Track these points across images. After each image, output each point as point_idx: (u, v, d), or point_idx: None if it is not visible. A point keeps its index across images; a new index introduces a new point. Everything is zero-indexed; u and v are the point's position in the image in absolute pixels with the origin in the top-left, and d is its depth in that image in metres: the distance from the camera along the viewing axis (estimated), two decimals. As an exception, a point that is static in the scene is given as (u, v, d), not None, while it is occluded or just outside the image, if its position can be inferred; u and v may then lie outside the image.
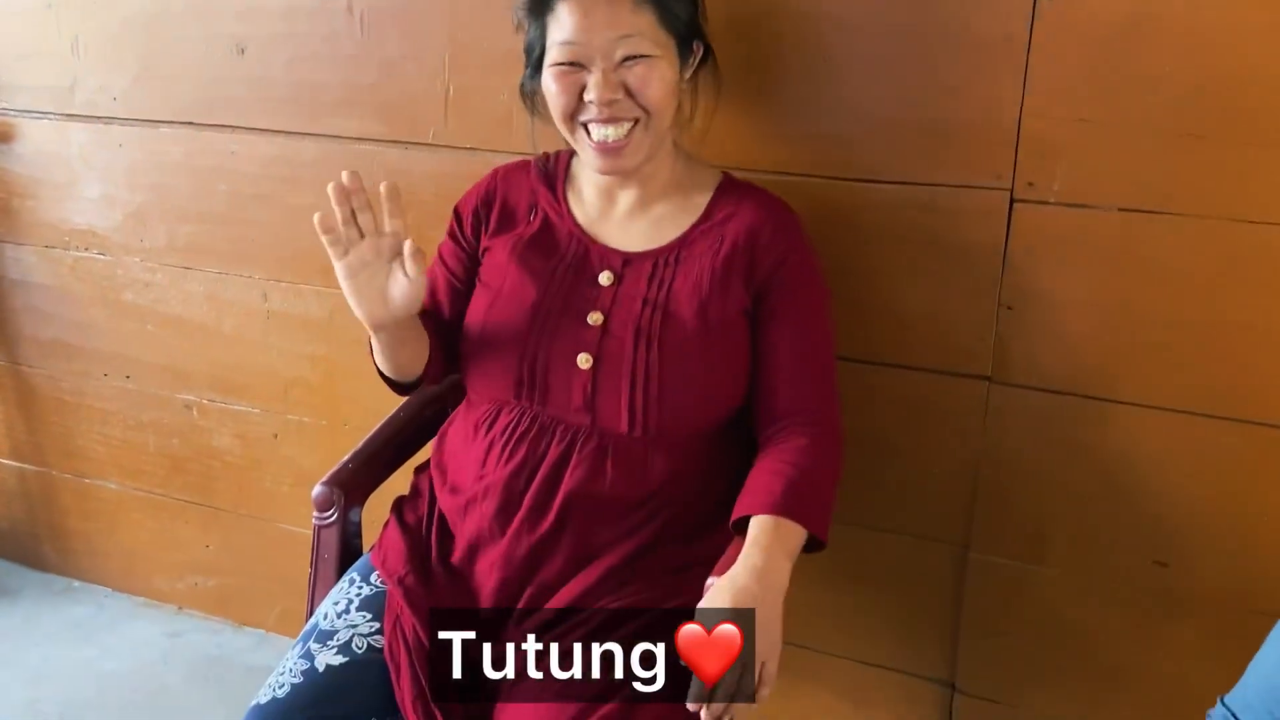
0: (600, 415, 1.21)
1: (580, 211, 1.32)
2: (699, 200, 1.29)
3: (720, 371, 1.22)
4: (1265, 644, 1.00)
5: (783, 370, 1.23)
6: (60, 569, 2.28)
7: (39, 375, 2.13)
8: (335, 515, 1.34)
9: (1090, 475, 1.41)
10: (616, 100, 1.17)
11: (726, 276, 1.22)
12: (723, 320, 1.22)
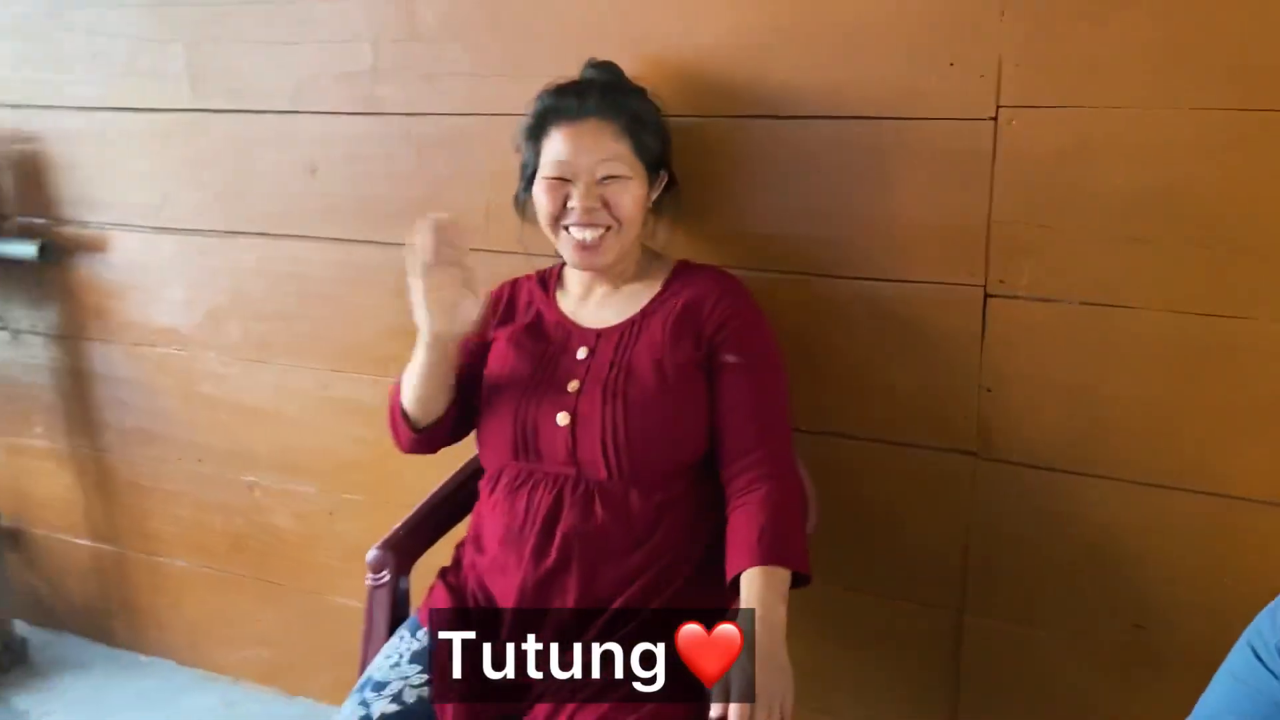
0: (582, 464, 1.41)
1: (566, 304, 1.56)
2: (658, 282, 1.53)
3: (680, 417, 1.42)
4: (1209, 686, 1.12)
5: (735, 415, 1.42)
6: (129, 644, 2.45)
7: (119, 461, 2.35)
8: (387, 576, 1.51)
9: (1072, 544, 1.54)
10: (595, 209, 1.43)
11: (678, 336, 1.44)
12: (677, 374, 1.42)
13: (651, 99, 1.52)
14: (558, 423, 1.43)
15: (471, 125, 1.79)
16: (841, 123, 1.55)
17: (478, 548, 1.50)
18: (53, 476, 2.43)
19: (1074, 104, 1.40)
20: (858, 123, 1.54)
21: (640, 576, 1.39)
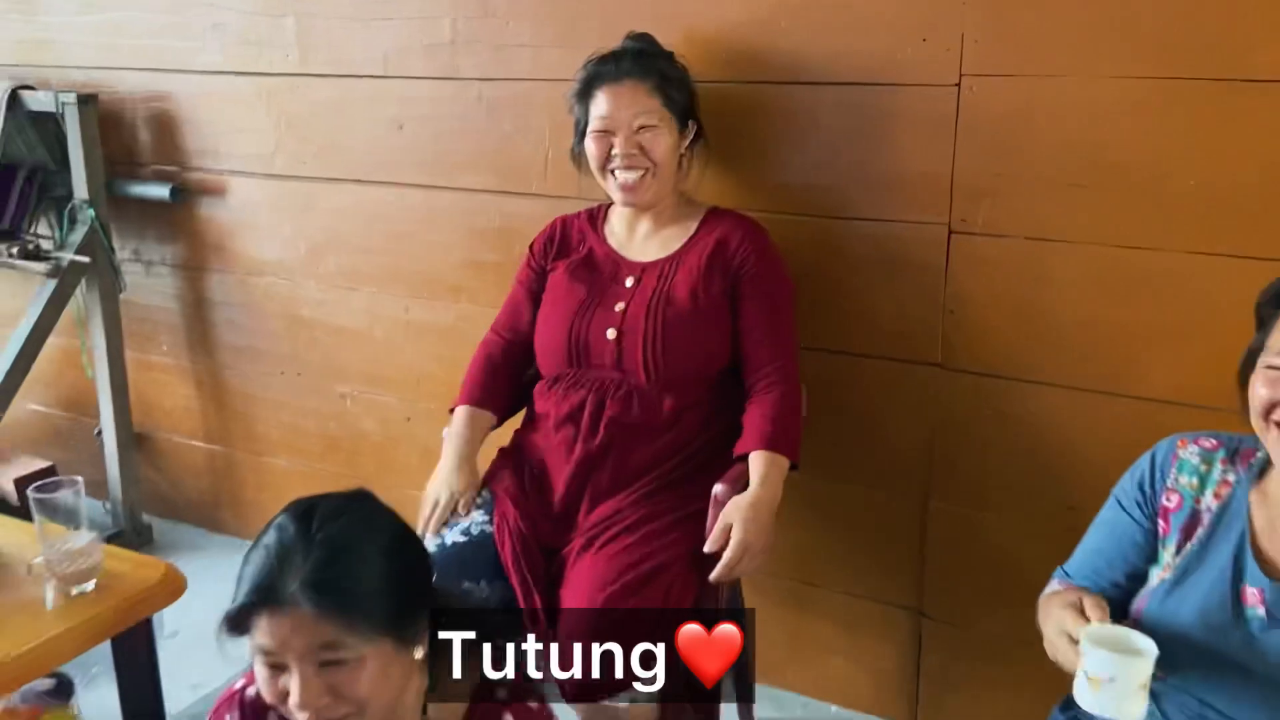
0: (625, 371, 1.77)
1: (613, 240, 1.90)
2: (692, 225, 1.86)
3: (707, 336, 1.77)
4: (1087, 532, 1.44)
5: (755, 335, 1.77)
6: (236, 531, 2.88)
7: (231, 374, 2.77)
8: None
9: (1019, 440, 1.86)
10: (634, 154, 1.77)
11: (709, 270, 1.78)
12: (708, 301, 1.76)
13: (678, 61, 1.86)
14: (607, 337, 1.78)
15: (533, 89, 2.15)
16: (840, 88, 1.87)
17: (535, 431, 1.87)
18: (175, 388, 2.87)
19: (1023, 73, 1.71)
20: (852, 88, 1.86)
21: (664, 458, 1.76)
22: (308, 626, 1.05)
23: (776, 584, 2.13)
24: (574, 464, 1.76)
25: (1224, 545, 1.27)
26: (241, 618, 1.08)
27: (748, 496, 1.66)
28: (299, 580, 1.05)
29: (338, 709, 1.08)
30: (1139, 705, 1.13)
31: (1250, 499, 1.28)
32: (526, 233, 2.13)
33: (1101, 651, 1.12)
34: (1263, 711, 1.22)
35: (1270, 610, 1.22)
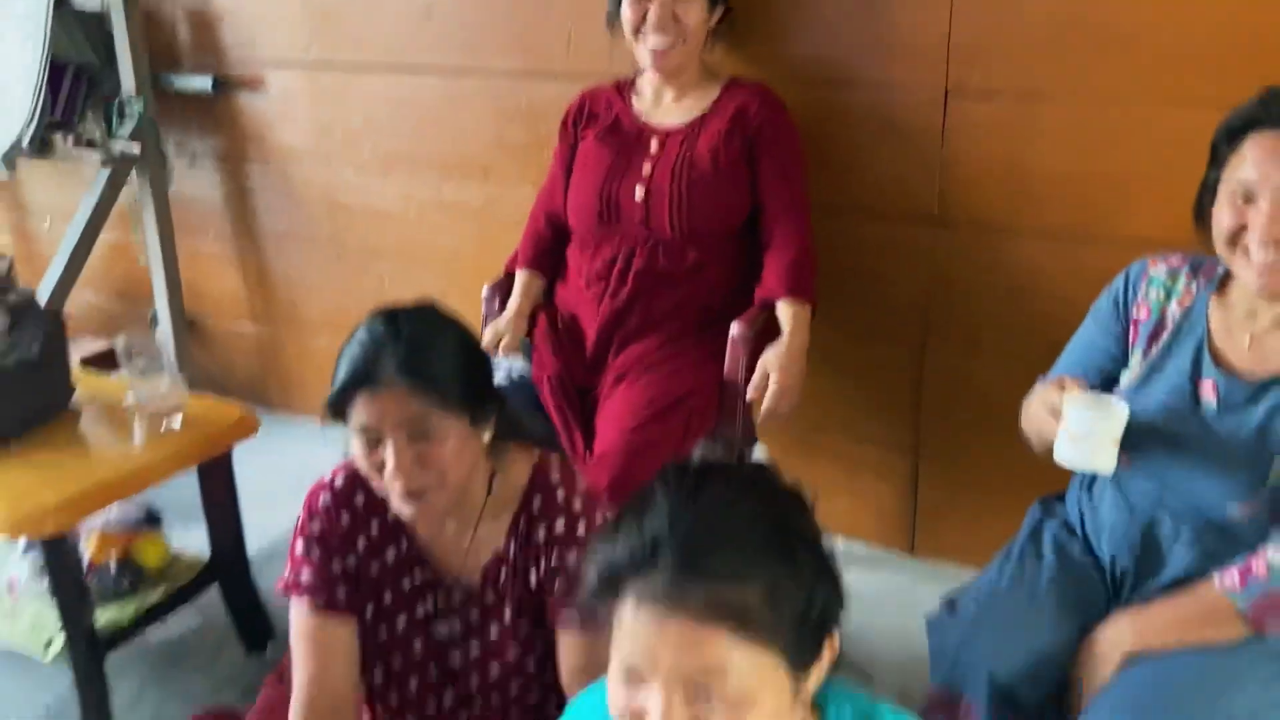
0: (652, 227, 1.94)
1: (640, 107, 2.05)
2: (713, 93, 2.01)
3: (727, 194, 1.93)
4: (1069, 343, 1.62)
5: (772, 192, 1.94)
6: (283, 406, 3.10)
7: (273, 260, 2.95)
8: (497, 305, 2.08)
9: (1008, 287, 2.03)
10: (666, 20, 1.91)
11: (730, 135, 1.93)
12: (728, 162, 1.92)
13: None
14: (635, 197, 1.95)
15: (554, -29, 2.28)
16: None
17: (568, 286, 2.06)
18: (222, 275, 3.06)
19: (1013, -59, 1.84)
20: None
21: (687, 305, 1.96)
22: (401, 402, 1.23)
23: (786, 432, 2.33)
24: (604, 314, 1.96)
25: (1185, 346, 1.46)
26: (342, 401, 1.26)
27: (781, 345, 1.87)
28: (393, 364, 1.23)
29: (424, 478, 1.26)
30: (1110, 458, 1.32)
31: (1210, 306, 1.46)
32: (552, 113, 2.27)
33: (1081, 410, 1.31)
34: (1213, 484, 1.42)
35: (1222, 399, 1.41)
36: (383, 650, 1.44)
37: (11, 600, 1.92)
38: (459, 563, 1.41)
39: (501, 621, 1.41)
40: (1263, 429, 1.37)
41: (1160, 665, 1.34)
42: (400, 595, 1.43)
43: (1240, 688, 1.30)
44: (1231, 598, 1.34)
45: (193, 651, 2.09)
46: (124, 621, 1.85)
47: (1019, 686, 1.42)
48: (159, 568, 1.97)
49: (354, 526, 1.42)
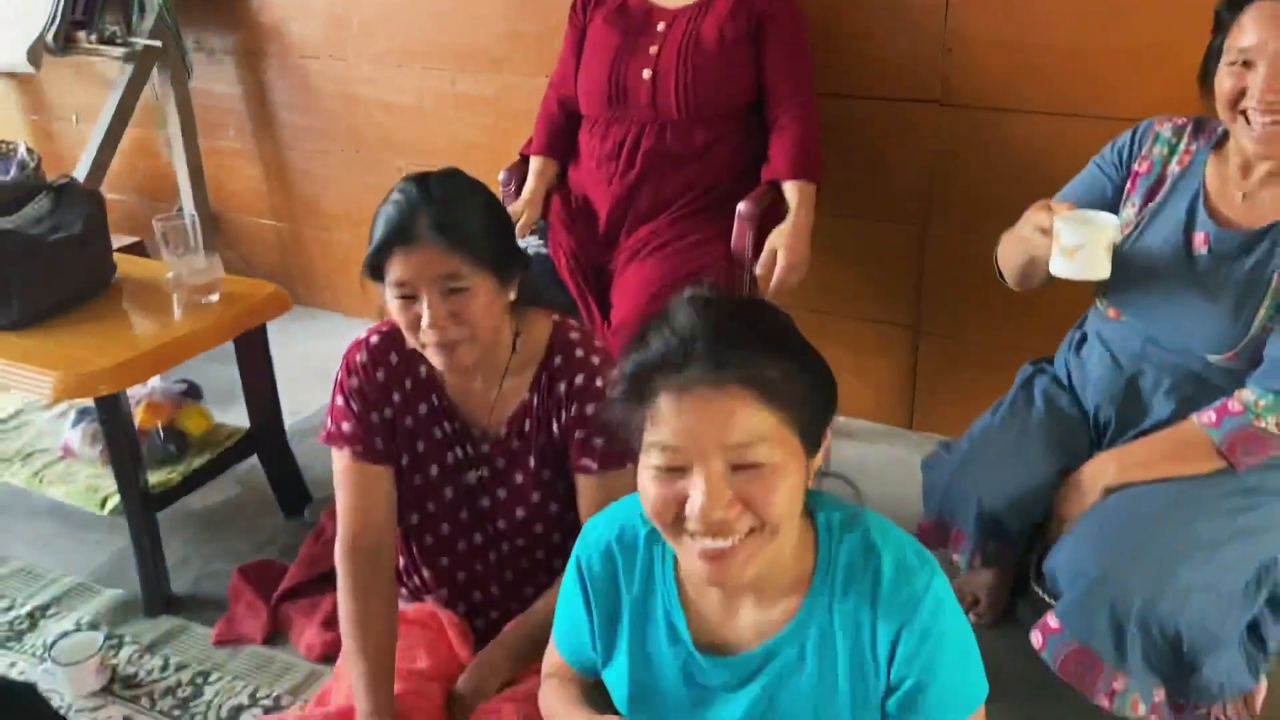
0: (659, 107, 2.00)
1: None
2: None
3: (733, 74, 1.99)
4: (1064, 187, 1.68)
5: (777, 72, 1.99)
6: (307, 301, 3.21)
7: (293, 154, 3.02)
8: (514, 187, 2.16)
9: (1009, 165, 2.10)
10: None
11: (735, 14, 1.98)
12: (734, 41, 1.98)
13: None
14: (643, 77, 2.01)
15: None
16: None
17: (580, 168, 2.14)
18: (243, 171, 3.13)
19: None
20: None
21: (695, 185, 2.03)
22: (435, 258, 1.33)
23: (791, 312, 2.41)
24: (614, 194, 2.04)
25: (1181, 201, 1.54)
26: (379, 259, 1.35)
27: (788, 223, 1.95)
28: (427, 223, 1.32)
29: (456, 331, 1.36)
30: (1105, 266, 1.41)
31: (1207, 163, 1.53)
32: (563, 3, 2.32)
33: (1073, 225, 1.39)
34: (1198, 333, 1.51)
35: (1213, 250, 1.49)
36: (418, 495, 1.57)
37: (66, 464, 2.06)
38: (486, 415, 1.53)
39: (526, 468, 1.53)
40: (1250, 279, 1.46)
41: (1132, 495, 1.46)
42: (432, 445, 1.55)
43: (1206, 516, 1.42)
44: (1208, 433, 1.45)
45: (235, 517, 2.23)
46: (172, 482, 1.98)
47: (1004, 515, 1.55)
48: (202, 436, 2.09)
49: (389, 382, 1.53)
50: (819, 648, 1.02)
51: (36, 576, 2.04)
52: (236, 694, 1.74)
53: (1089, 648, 1.41)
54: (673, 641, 1.08)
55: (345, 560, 1.52)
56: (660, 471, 0.95)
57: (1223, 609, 1.42)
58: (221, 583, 1.99)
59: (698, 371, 0.92)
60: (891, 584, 1.00)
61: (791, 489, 0.95)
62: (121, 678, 1.78)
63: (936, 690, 0.99)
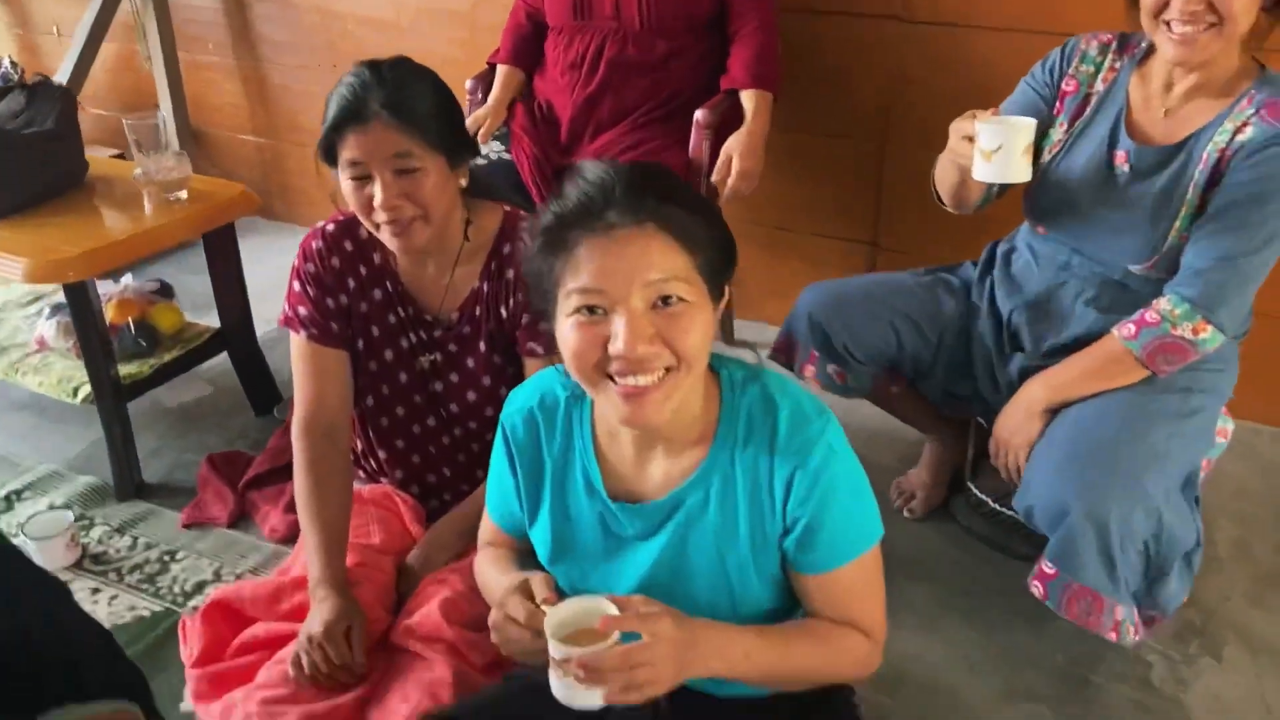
0: (623, 19, 2.04)
1: None
2: None
3: None
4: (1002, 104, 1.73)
5: None
6: (286, 217, 3.25)
7: (271, 69, 3.05)
8: (480, 95, 2.20)
9: (965, 81, 2.13)
10: None
11: None
12: None
13: None
14: None
15: None
16: None
17: (545, 76, 2.18)
18: (223, 86, 3.16)
19: None
20: None
21: (656, 94, 2.08)
22: (387, 138, 1.37)
23: (754, 231, 2.47)
24: (577, 101, 2.08)
25: (1105, 119, 1.58)
26: (332, 139, 1.40)
27: (743, 131, 2.00)
28: (379, 101, 1.37)
29: (409, 209, 1.41)
30: (1024, 169, 1.44)
31: (1131, 81, 1.57)
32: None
33: (990, 125, 1.43)
34: (1119, 245, 1.57)
35: (1134, 166, 1.55)
36: (373, 379, 1.63)
37: (41, 356, 2.12)
38: (438, 301, 1.59)
39: (476, 353, 1.59)
40: (1165, 192, 1.51)
41: (1089, 415, 1.50)
42: (386, 330, 1.61)
43: (1157, 424, 1.47)
44: (1127, 345, 1.51)
45: (207, 414, 2.30)
46: (142, 374, 2.05)
47: (831, 330, 1.66)
48: (173, 332, 2.16)
49: (344, 268, 1.59)
50: (721, 494, 1.09)
51: (12, 464, 2.12)
52: (202, 571, 1.82)
53: (1086, 585, 1.44)
54: (590, 494, 1.15)
55: (301, 438, 1.59)
56: (582, 315, 1.00)
57: (1184, 514, 1.49)
58: (192, 473, 2.07)
59: (616, 215, 0.98)
60: (787, 431, 1.06)
61: (703, 327, 1.01)
62: (91, 555, 1.87)
63: (828, 529, 1.06)
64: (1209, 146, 1.47)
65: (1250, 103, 1.46)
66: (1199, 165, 1.48)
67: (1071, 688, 1.57)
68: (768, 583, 1.11)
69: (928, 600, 1.72)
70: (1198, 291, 1.46)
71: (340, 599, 1.47)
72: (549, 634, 0.96)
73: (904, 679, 1.58)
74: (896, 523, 1.90)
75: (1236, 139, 1.45)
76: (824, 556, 1.08)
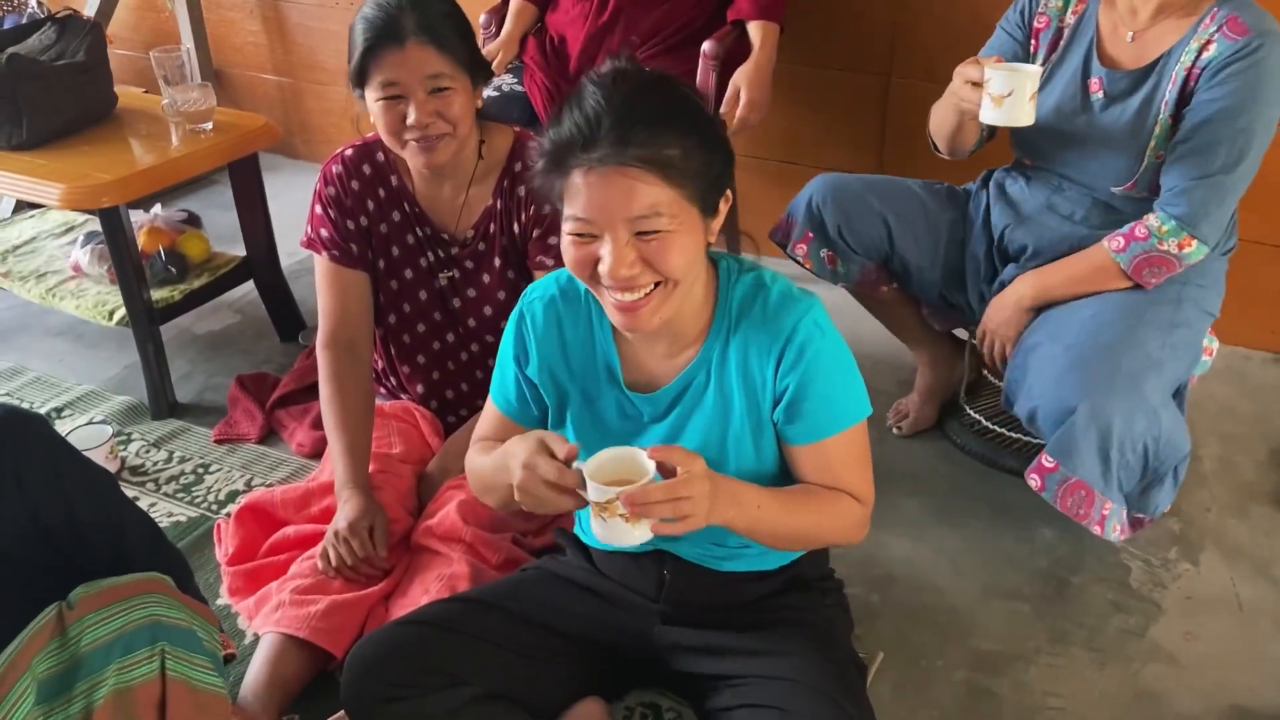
0: None
1: None
2: None
3: None
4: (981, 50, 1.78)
5: None
6: (307, 156, 3.33)
7: (290, 7, 3.10)
8: (494, 29, 2.26)
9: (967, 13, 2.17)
10: None
11: None
12: None
13: None
14: None
15: None
16: None
17: (556, 10, 2.23)
18: (243, 25, 3.22)
19: None
20: None
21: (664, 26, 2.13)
22: (424, 58, 1.47)
23: (763, 165, 2.53)
24: (587, 33, 2.14)
25: (1077, 50, 1.64)
26: (366, 62, 1.48)
27: (751, 62, 2.05)
28: (412, 24, 1.46)
29: (440, 126, 1.51)
30: (1030, 113, 1.50)
31: (1099, 10, 1.62)
32: None
33: (1002, 71, 1.49)
34: (1099, 168, 1.64)
35: (1107, 92, 1.60)
36: (394, 298, 1.73)
37: (76, 282, 2.22)
38: (454, 220, 1.68)
39: (491, 269, 1.69)
40: (1139, 115, 1.57)
41: (1087, 318, 1.57)
42: (406, 250, 1.70)
43: (1152, 331, 1.55)
44: (1116, 258, 1.58)
45: (234, 340, 2.40)
46: (173, 299, 2.14)
47: (827, 216, 1.75)
48: (201, 260, 2.25)
49: (363, 191, 1.68)
50: (718, 372, 1.19)
51: (52, 385, 2.23)
52: (234, 482, 1.93)
53: (1082, 479, 1.51)
54: (610, 381, 1.24)
55: (324, 351, 1.69)
56: (575, 238, 1.10)
57: (1179, 421, 1.56)
58: (222, 394, 2.17)
59: (603, 151, 1.05)
60: (775, 309, 1.16)
61: (686, 249, 1.09)
62: (130, 467, 1.98)
63: (815, 399, 1.15)
64: (1177, 66, 1.53)
65: (1213, 19, 1.51)
66: (1169, 84, 1.54)
67: (1052, 588, 1.66)
68: (764, 461, 1.20)
69: (917, 510, 1.81)
70: (1182, 209, 1.52)
71: (364, 498, 1.58)
72: (591, 480, 1.04)
73: (893, 580, 1.68)
74: (889, 440, 1.98)
75: (1202, 57, 1.51)
76: (812, 426, 1.17)
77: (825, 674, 1.19)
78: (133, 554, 1.23)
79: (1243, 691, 1.48)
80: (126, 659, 1.02)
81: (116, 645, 1.02)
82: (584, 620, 1.32)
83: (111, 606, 1.04)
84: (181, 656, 1.08)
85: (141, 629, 1.04)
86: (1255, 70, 1.47)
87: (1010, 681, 1.50)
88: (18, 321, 2.48)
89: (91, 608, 1.03)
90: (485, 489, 1.27)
